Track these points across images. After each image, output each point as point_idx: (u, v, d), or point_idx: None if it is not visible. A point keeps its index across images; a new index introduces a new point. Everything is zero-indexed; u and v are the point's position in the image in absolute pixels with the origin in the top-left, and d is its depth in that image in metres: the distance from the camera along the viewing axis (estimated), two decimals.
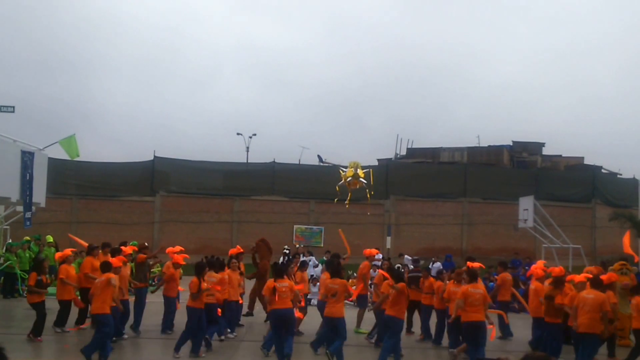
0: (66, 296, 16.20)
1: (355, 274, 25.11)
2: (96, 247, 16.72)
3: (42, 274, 15.64)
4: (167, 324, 16.56)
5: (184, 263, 16.83)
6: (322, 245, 33.52)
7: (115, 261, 14.21)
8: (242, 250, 18.41)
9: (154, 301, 17.41)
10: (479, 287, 13.29)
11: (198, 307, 13.83)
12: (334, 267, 14.02)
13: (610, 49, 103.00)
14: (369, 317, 16.80)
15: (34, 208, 21.92)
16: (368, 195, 17.88)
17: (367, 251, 17.91)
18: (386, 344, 13.44)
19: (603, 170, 49.67)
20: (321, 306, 14.86)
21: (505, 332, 17.01)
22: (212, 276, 15.02)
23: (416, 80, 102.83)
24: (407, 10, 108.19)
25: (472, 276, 13.67)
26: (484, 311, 13.05)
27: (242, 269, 17.70)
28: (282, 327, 13.31)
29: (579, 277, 14.29)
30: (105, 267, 13.59)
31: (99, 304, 13.07)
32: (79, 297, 16.33)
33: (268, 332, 14.25)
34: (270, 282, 13.53)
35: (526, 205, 31.61)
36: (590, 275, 14.10)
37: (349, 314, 15.47)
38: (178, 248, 17.27)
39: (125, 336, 15.63)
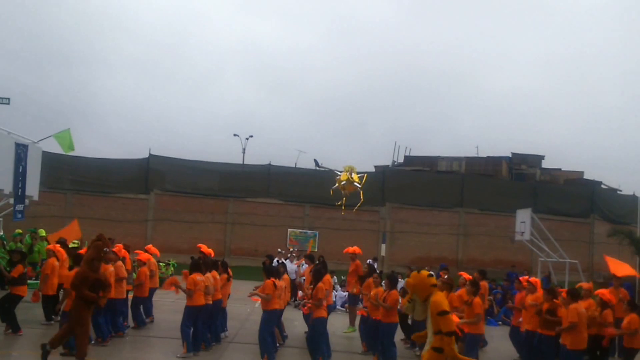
0: (50, 291, 16.20)
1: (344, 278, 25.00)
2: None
3: (26, 267, 15.58)
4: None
5: (145, 261, 17.24)
6: (316, 250, 33.25)
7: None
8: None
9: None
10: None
11: (197, 305, 13.66)
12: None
13: (615, 60, 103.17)
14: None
15: (27, 201, 21.67)
16: (361, 198, 17.87)
17: (350, 249, 18.12)
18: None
19: (603, 186, 49.57)
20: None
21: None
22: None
23: (417, 88, 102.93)
24: (410, 18, 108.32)
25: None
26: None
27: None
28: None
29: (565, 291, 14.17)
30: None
31: None
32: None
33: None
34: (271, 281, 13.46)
35: (523, 218, 31.37)
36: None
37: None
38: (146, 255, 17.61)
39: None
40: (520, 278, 17.02)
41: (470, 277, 15.69)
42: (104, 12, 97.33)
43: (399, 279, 19.99)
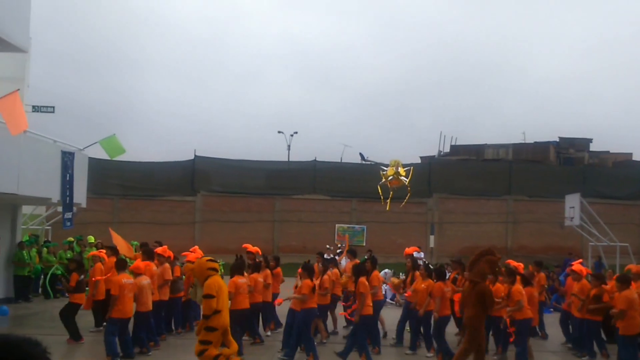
0: (100, 296, 16.36)
1: (402, 274, 24.71)
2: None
3: (82, 274, 15.71)
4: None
5: (194, 260, 17.08)
6: (364, 245, 33.07)
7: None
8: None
9: None
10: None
11: (242, 308, 13.69)
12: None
13: None
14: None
15: (75, 208, 21.92)
16: (408, 192, 17.71)
17: (409, 250, 17.83)
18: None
19: None
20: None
21: None
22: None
23: (462, 75, 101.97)
24: (454, 3, 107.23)
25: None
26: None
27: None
28: None
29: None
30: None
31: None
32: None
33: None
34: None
35: (572, 203, 30.94)
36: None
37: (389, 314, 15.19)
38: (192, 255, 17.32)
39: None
40: (571, 263, 16.91)
41: (519, 264, 15.55)
42: (144, 14, 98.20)
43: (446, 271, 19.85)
